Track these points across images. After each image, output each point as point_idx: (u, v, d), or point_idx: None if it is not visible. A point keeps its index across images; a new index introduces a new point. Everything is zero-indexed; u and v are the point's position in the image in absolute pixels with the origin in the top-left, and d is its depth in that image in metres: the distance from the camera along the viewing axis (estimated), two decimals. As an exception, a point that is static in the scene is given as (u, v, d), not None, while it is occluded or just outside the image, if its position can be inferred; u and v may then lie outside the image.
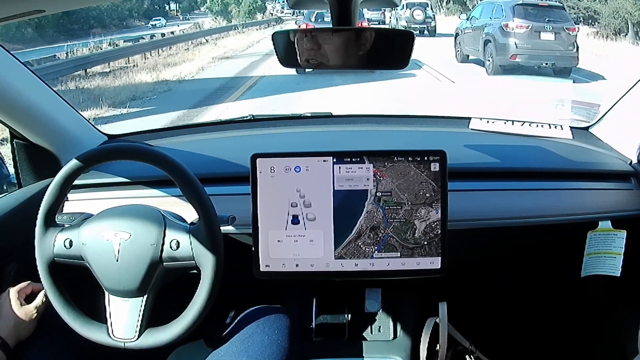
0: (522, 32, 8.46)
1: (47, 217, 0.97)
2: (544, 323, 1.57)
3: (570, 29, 8.66)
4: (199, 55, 14.53)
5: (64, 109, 1.31)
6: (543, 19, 8.56)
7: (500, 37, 8.66)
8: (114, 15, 29.65)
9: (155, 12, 34.52)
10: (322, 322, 1.31)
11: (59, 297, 0.96)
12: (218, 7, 32.59)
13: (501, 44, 8.62)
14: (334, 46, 0.83)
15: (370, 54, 0.83)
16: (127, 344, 0.95)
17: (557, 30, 8.48)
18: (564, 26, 8.61)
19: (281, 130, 1.60)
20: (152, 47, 14.90)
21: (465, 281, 1.48)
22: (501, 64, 8.63)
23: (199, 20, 30.75)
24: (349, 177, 1.08)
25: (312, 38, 0.83)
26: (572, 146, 1.41)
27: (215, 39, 19.65)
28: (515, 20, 8.53)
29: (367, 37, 0.83)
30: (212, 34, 20.80)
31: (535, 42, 8.42)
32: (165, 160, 0.95)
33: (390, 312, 1.32)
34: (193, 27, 24.92)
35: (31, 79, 1.19)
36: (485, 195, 1.24)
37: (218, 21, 30.12)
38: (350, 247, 1.08)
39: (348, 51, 0.83)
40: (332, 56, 0.85)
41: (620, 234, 1.24)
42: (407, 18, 15.49)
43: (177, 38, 17.83)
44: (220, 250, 0.95)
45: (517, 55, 8.41)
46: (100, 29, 25.64)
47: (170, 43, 16.27)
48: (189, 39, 17.87)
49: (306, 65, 0.85)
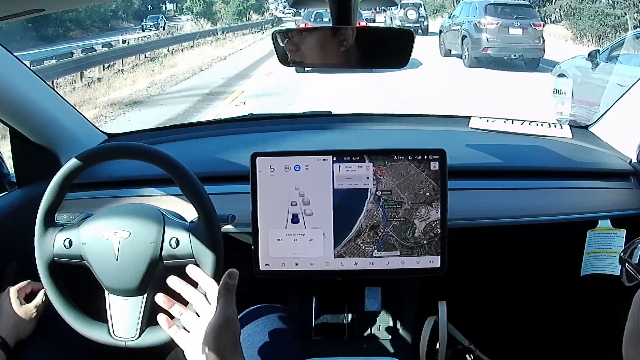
0: (492, 28, 9.66)
1: (46, 216, 0.97)
2: (543, 322, 1.57)
3: (536, 25, 9.85)
4: (126, 83, 10.26)
5: (64, 108, 1.31)
6: (512, 16, 9.76)
7: (474, 32, 9.83)
8: (94, 17, 25.83)
9: (147, 13, 29.56)
10: (322, 321, 1.31)
11: (59, 297, 0.96)
12: (200, 6, 26.71)
13: (475, 38, 9.83)
14: (335, 46, 0.83)
15: (371, 54, 0.83)
16: (128, 342, 0.95)
17: (524, 26, 9.66)
18: (530, 22, 9.79)
19: (281, 130, 1.60)
20: (91, 63, 10.97)
21: (465, 280, 1.48)
22: (475, 56, 9.87)
23: (180, 23, 26.55)
24: (349, 176, 1.08)
25: (313, 37, 0.83)
26: (571, 145, 1.42)
27: (179, 49, 15.58)
28: (487, 17, 9.74)
29: (368, 36, 0.83)
30: (179, 42, 16.25)
31: (505, 36, 9.63)
32: (165, 159, 0.95)
33: (390, 311, 1.32)
34: (165, 33, 20.88)
35: (31, 77, 1.19)
36: (485, 194, 1.24)
37: (200, 24, 25.33)
38: (350, 246, 1.09)
39: (349, 51, 0.83)
40: (333, 56, 0.84)
41: (620, 233, 1.24)
42: (401, 17, 16.18)
43: (126, 50, 13.50)
44: (220, 247, 0.95)
45: (489, 48, 9.65)
46: (80, 32, 23.51)
47: (121, 56, 12.44)
48: (141, 51, 13.71)
49: (307, 65, 0.85)
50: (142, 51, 13.78)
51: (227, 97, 8.43)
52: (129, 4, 29.29)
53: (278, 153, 1.08)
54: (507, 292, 1.56)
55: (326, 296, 1.32)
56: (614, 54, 5.17)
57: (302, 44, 0.85)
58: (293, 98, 7.86)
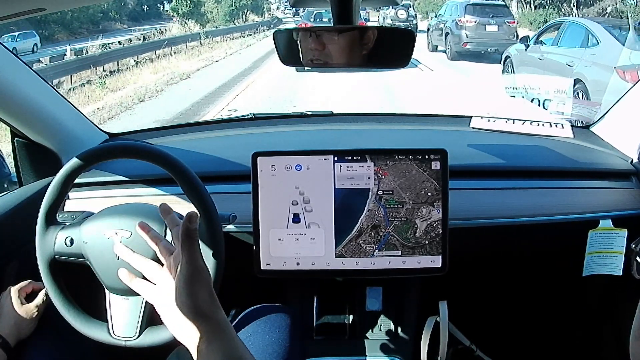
0: (471, 25, 10.97)
1: (47, 215, 0.97)
2: (544, 322, 1.57)
3: (510, 22, 11.32)
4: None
5: (65, 107, 1.31)
6: (488, 15, 11.15)
7: (455, 29, 11.15)
8: (82, 18, 23.03)
9: (143, 14, 28.06)
10: (323, 321, 1.31)
11: (59, 296, 0.96)
12: (186, 7, 22.79)
13: (456, 35, 11.13)
14: (338, 45, 0.83)
15: (372, 53, 0.83)
16: (128, 342, 0.95)
17: (499, 24, 11.07)
18: (505, 20, 11.23)
19: (282, 129, 1.60)
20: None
21: (466, 280, 1.48)
22: (457, 50, 11.17)
23: (167, 25, 23.25)
24: (350, 175, 1.08)
25: (315, 37, 0.83)
26: (572, 145, 1.41)
27: (149, 58, 12.82)
28: (466, 16, 11.04)
29: (370, 36, 0.83)
30: (143, 52, 13.00)
31: (482, 32, 10.96)
32: (166, 159, 0.95)
33: (391, 311, 1.32)
34: (154, 34, 18.16)
35: (32, 77, 1.19)
36: (486, 194, 1.24)
37: (187, 27, 22.13)
38: (351, 245, 1.08)
39: (351, 51, 0.83)
40: (333, 56, 0.84)
41: (622, 232, 1.24)
42: (392, 17, 17.04)
43: (83, 62, 10.53)
44: (221, 246, 0.95)
45: (468, 43, 10.97)
46: (66, 35, 21.04)
47: (75, 69, 9.93)
48: (96, 63, 10.68)
49: (309, 64, 0.85)
50: (98, 63, 10.74)
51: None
52: (122, 4, 26.87)
53: (279, 153, 1.08)
54: (509, 292, 1.56)
55: (327, 296, 1.32)
56: (540, 39, 7.31)
57: (303, 43, 0.84)
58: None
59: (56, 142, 1.27)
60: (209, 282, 0.74)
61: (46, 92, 1.24)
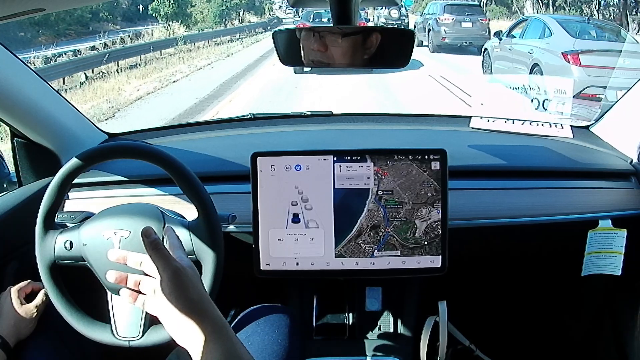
0: (448, 22, 12.78)
1: (46, 219, 0.96)
2: (543, 322, 1.57)
3: (483, 20, 13.11)
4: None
5: (65, 108, 1.31)
6: (464, 13, 12.90)
7: (435, 26, 13.00)
8: (69, 20, 21.37)
9: (138, 14, 25.39)
10: (322, 321, 1.31)
11: (61, 299, 0.96)
12: (169, 7, 20.12)
13: (436, 31, 12.95)
14: (340, 48, 0.82)
15: (373, 55, 0.83)
16: (132, 342, 0.95)
17: (473, 21, 12.79)
18: (479, 18, 13.01)
19: (281, 129, 1.60)
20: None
21: (466, 280, 1.48)
22: (437, 44, 12.92)
23: (149, 28, 20.45)
24: (350, 175, 1.08)
25: (318, 38, 0.83)
26: (572, 145, 1.41)
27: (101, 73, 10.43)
28: (445, 14, 12.84)
29: (373, 40, 0.82)
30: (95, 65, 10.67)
31: (458, 28, 12.74)
32: (166, 159, 0.95)
33: (391, 311, 1.32)
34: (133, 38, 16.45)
35: (31, 77, 1.19)
36: (485, 194, 1.24)
37: (171, 30, 19.73)
38: (351, 245, 1.08)
39: (354, 53, 0.83)
40: (333, 56, 0.84)
41: (621, 233, 1.24)
42: (386, 15, 18.38)
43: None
44: (220, 245, 0.95)
45: (446, 37, 12.76)
46: (52, 37, 19.18)
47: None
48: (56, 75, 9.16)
49: (310, 65, 0.85)
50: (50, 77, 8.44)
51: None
52: (115, 5, 24.84)
53: (279, 153, 1.08)
54: (508, 292, 1.56)
55: (327, 296, 1.32)
56: (511, 33, 8.52)
57: (305, 43, 0.84)
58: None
59: (56, 142, 1.27)
60: (195, 282, 0.73)
61: (46, 92, 1.23)
